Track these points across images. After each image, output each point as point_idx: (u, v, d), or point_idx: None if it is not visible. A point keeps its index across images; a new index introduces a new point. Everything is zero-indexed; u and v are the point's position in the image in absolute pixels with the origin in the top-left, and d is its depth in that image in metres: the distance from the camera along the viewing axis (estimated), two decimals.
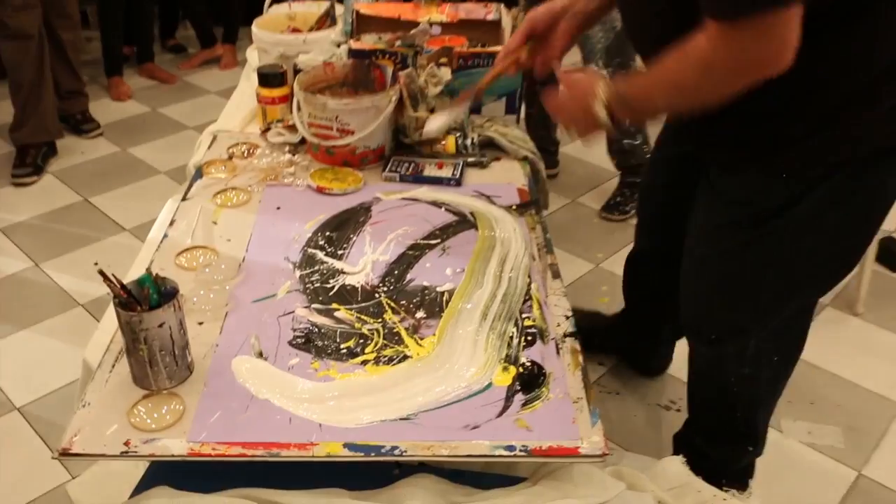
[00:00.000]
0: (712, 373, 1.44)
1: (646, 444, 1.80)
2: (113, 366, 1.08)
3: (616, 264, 2.12)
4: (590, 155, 3.14)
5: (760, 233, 1.21)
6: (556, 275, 1.32)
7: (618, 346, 2.01)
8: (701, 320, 1.39)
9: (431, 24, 1.83)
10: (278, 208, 1.49)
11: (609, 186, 2.88)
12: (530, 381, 1.08)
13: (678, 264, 1.40)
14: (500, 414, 1.02)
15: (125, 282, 1.02)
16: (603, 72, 2.41)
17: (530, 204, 1.53)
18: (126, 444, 0.97)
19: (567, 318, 1.22)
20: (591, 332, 1.99)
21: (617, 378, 2.01)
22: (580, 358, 1.13)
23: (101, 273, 0.99)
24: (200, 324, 1.17)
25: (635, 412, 1.91)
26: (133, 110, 3.55)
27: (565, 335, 1.18)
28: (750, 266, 1.25)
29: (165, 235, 1.40)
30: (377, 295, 1.25)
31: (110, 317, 1.11)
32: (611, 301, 2.12)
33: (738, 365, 1.37)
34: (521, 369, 1.10)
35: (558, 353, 1.14)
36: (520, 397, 1.05)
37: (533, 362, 1.12)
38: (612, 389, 1.97)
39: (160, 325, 1.00)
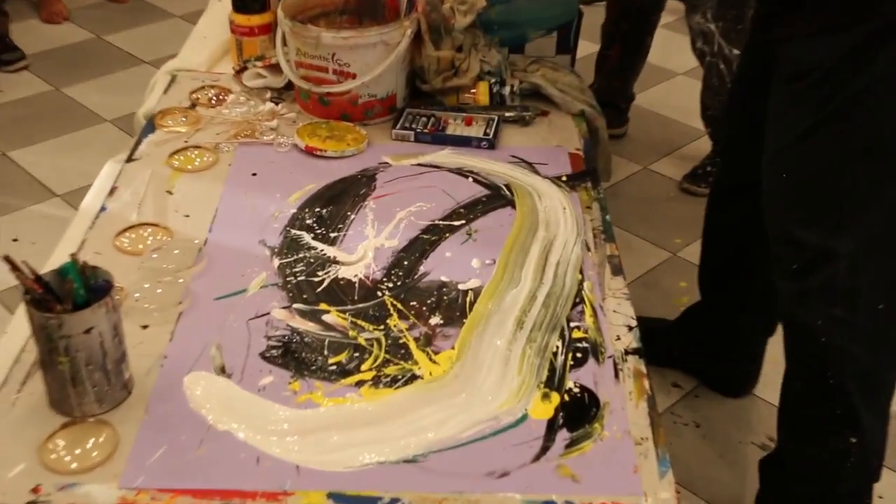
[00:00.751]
0: (798, 320, 1.45)
1: (736, 499, 1.76)
2: (23, 383, 1.06)
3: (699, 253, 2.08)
4: (670, 108, 3.08)
5: (833, 107, 1.27)
6: (618, 270, 1.29)
7: (691, 354, 2.00)
8: (781, 245, 1.43)
9: None
10: (254, 175, 1.48)
11: (693, 151, 2.84)
12: (579, 413, 1.06)
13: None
14: (538, 457, 1.00)
15: (43, 270, 1.00)
16: (711, 26, 2.38)
17: (586, 174, 1.50)
18: (35, 490, 0.95)
19: (630, 328, 1.19)
20: (657, 341, 1.98)
21: (695, 405, 1.98)
22: (646, 384, 1.11)
23: (7, 259, 0.96)
24: (144, 328, 1.16)
25: (721, 452, 1.87)
26: (70, 37, 3.50)
27: (627, 352, 1.15)
28: (826, 155, 1.31)
29: (103, 208, 1.38)
30: (380, 293, 1.23)
31: (22, 318, 1.09)
32: (691, 301, 2.08)
33: (826, 303, 1.39)
34: (566, 397, 1.08)
35: (617, 376, 1.11)
36: (564, 435, 1.03)
37: (583, 388, 1.09)
38: (689, 420, 1.94)
39: (87, 331, 0.98)
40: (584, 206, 1.43)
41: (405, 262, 1.29)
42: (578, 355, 1.14)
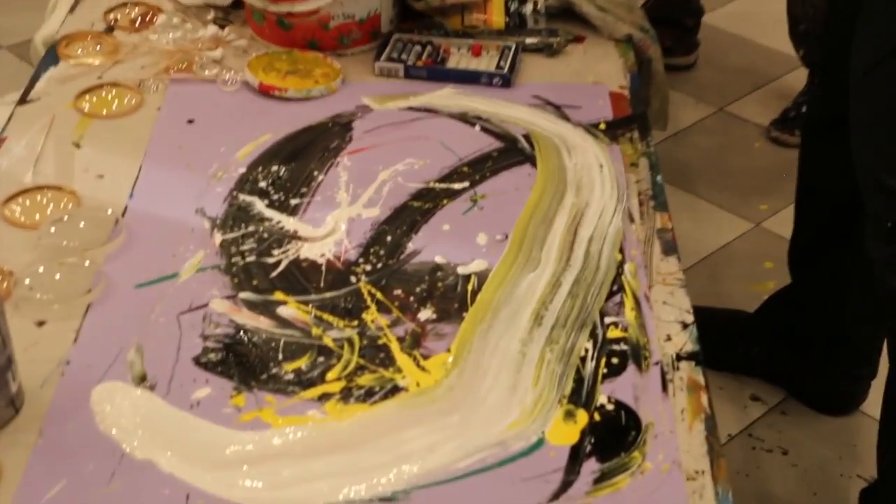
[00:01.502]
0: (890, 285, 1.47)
1: None
2: None
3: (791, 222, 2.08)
4: (753, 26, 3.06)
5: None
6: (670, 248, 1.29)
7: (778, 357, 2.00)
8: (872, 196, 1.44)
9: None
10: (190, 122, 1.48)
11: (784, 86, 2.82)
12: (613, 437, 1.06)
13: None
14: (557, 496, 1.00)
15: None
16: None
17: (632, 120, 1.50)
18: None
19: (684, 326, 1.19)
20: (730, 339, 1.98)
21: (781, 425, 1.98)
22: (704, 399, 1.11)
23: None
24: (40, 325, 1.16)
25: (816, 487, 1.87)
26: None
27: (680, 357, 1.15)
28: None
29: None
30: (354, 279, 1.24)
31: None
32: (777, 287, 2.07)
33: None
34: (597, 416, 1.08)
35: (665, 388, 1.11)
36: (593, 467, 1.03)
37: (619, 404, 1.09)
38: (773, 445, 1.94)
39: None
40: (628, 163, 1.42)
41: (388, 238, 1.29)
42: (614, 361, 1.14)
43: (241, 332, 1.16)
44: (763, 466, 1.90)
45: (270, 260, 1.26)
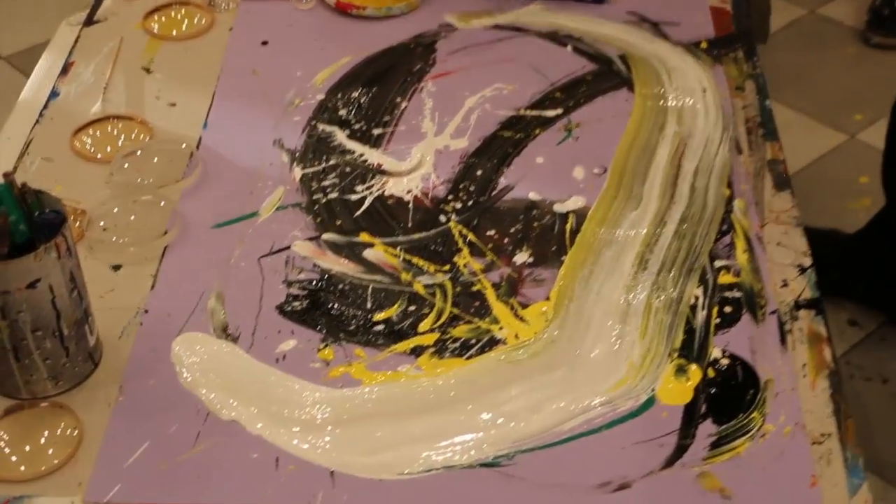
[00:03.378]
0: None
1: None
2: None
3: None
4: None
5: None
6: (784, 182, 1.24)
7: (878, 279, 1.96)
8: None
9: None
10: (264, 44, 1.45)
11: None
12: (730, 396, 1.02)
13: None
14: (671, 462, 0.96)
15: None
16: None
17: (736, 38, 1.44)
18: None
19: (802, 269, 1.14)
20: (825, 261, 1.94)
21: (882, 351, 1.92)
22: (828, 353, 1.05)
23: None
24: (116, 269, 1.13)
25: None
26: None
27: (798, 305, 1.10)
28: None
29: (54, 93, 1.35)
30: (443, 218, 1.20)
31: None
32: (876, 207, 2.01)
33: None
34: (711, 372, 1.03)
35: (784, 341, 1.06)
36: (709, 429, 0.99)
37: (734, 359, 1.05)
38: (874, 373, 1.89)
39: (32, 285, 0.95)
40: (732, 87, 1.36)
41: (478, 172, 1.25)
42: (727, 310, 1.09)
43: (327, 279, 1.12)
44: (861, 396, 1.87)
45: (354, 197, 1.22)
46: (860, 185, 2.23)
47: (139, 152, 1.25)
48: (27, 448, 0.97)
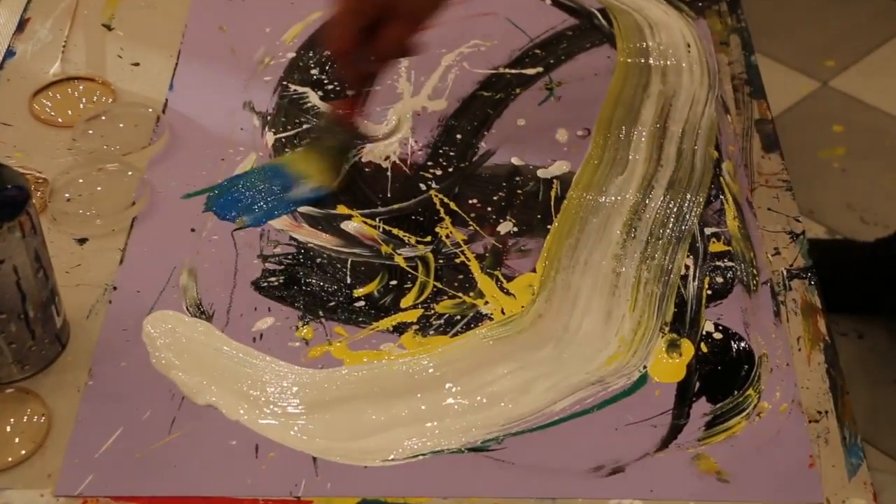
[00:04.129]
0: None
1: None
2: None
3: (865, 77, 1.99)
4: None
5: None
6: (772, 143, 1.21)
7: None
8: None
9: None
10: None
11: None
12: (724, 372, 0.99)
13: None
14: (666, 443, 0.94)
15: None
16: None
17: None
18: None
19: (794, 236, 1.11)
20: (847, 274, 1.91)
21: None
22: (822, 324, 1.03)
23: None
24: (82, 243, 1.09)
25: None
26: None
27: (791, 273, 1.08)
28: None
29: (10, 52, 1.31)
30: (423, 186, 1.16)
31: None
32: (849, 157, 1.99)
33: None
34: (704, 347, 1.01)
35: (777, 312, 1.04)
36: (704, 408, 0.96)
37: (727, 332, 1.02)
38: (849, 329, 1.88)
39: None
40: (717, 42, 1.33)
41: (458, 136, 1.21)
42: (719, 280, 1.06)
43: (304, 252, 1.08)
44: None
45: None
46: (833, 134, 2.21)
47: (103, 117, 1.21)
48: None
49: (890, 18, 2.49)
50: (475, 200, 1.13)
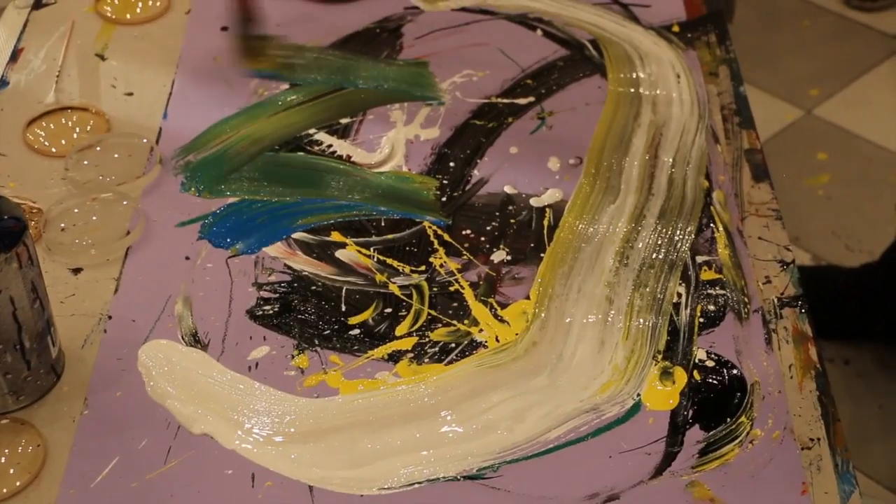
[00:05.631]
0: None
1: None
2: None
3: (848, 105, 1.99)
4: None
5: None
6: (762, 173, 1.22)
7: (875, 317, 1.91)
8: None
9: None
10: (224, 29, 1.39)
11: None
12: (716, 400, 0.99)
13: None
14: (660, 470, 0.94)
15: None
16: None
17: (707, 20, 1.41)
18: None
19: (785, 265, 1.11)
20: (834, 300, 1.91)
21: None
22: (813, 352, 1.03)
23: None
24: (76, 272, 1.09)
25: None
26: None
27: (782, 302, 1.08)
28: None
29: (3, 81, 1.30)
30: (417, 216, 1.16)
31: None
32: (833, 184, 2.00)
33: None
34: (696, 375, 1.01)
35: (769, 340, 1.04)
36: (696, 435, 0.96)
37: (720, 360, 1.02)
38: (835, 355, 1.88)
39: None
40: (706, 72, 1.33)
41: (451, 164, 1.21)
42: (711, 308, 1.06)
43: (298, 280, 1.08)
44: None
45: None
46: (818, 162, 2.22)
47: (97, 147, 1.20)
48: None
49: (872, 49, 2.50)
50: (468, 231, 1.13)
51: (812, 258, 2.08)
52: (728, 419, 0.97)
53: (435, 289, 1.07)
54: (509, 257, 1.11)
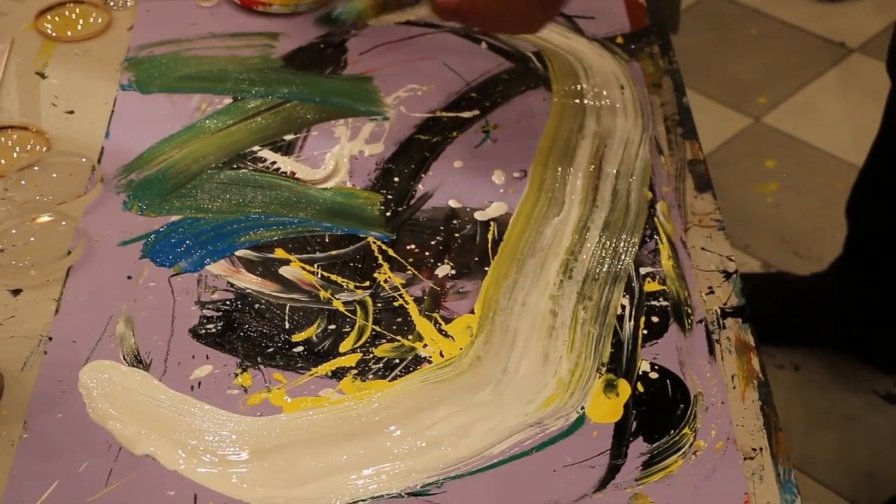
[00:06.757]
0: None
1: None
2: None
3: (796, 113, 2.00)
4: None
5: None
6: (705, 184, 1.22)
7: (846, 320, 1.93)
8: None
9: None
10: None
11: None
12: (659, 412, 0.99)
13: None
14: (604, 484, 0.94)
15: None
16: None
17: (650, 31, 1.42)
18: None
19: (727, 275, 1.12)
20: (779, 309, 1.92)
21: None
22: (756, 362, 1.04)
23: None
24: (15, 293, 1.07)
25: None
26: None
27: (725, 312, 1.08)
28: None
29: None
30: (361, 232, 1.15)
31: None
32: (782, 192, 2.01)
33: None
34: (640, 387, 1.01)
35: (712, 351, 1.04)
36: (640, 447, 0.96)
37: (663, 371, 1.02)
38: (785, 361, 1.89)
39: None
40: (650, 84, 1.34)
41: (395, 179, 1.21)
42: (654, 320, 1.07)
43: (241, 298, 1.07)
44: (773, 384, 1.86)
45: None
46: (766, 169, 2.23)
47: (36, 167, 1.19)
48: None
49: (820, 56, 2.52)
50: (413, 246, 1.13)
51: (762, 265, 2.10)
52: (672, 431, 0.97)
53: (379, 304, 1.07)
54: (454, 271, 1.10)
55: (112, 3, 1.42)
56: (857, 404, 1.88)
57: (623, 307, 1.07)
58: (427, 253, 1.12)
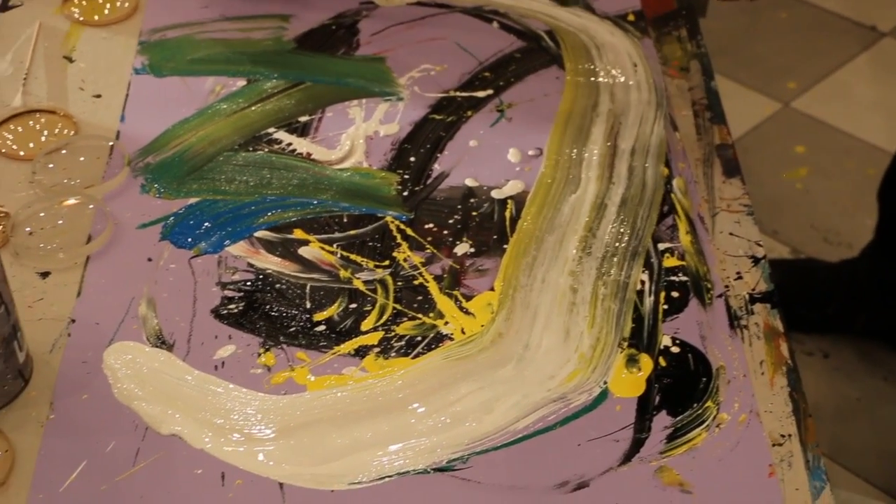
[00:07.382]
0: None
1: None
2: None
3: (826, 98, 1.99)
4: None
5: None
6: (733, 168, 1.21)
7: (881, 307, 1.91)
8: None
9: None
10: None
11: None
12: (682, 385, 1.00)
13: None
14: (629, 457, 0.94)
15: None
16: None
17: (679, 14, 1.42)
18: None
19: (756, 260, 1.12)
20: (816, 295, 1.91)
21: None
22: (784, 347, 1.04)
23: None
24: (44, 276, 1.08)
25: None
26: None
27: (753, 298, 1.08)
28: None
29: None
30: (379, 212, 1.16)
31: None
32: (812, 177, 2.00)
33: None
34: (662, 361, 1.01)
35: (732, 325, 1.05)
36: (664, 421, 0.97)
37: (685, 346, 1.03)
38: (814, 348, 1.88)
39: None
40: (677, 68, 1.34)
41: (412, 159, 1.21)
42: (674, 294, 1.07)
43: (262, 278, 1.07)
44: (803, 371, 1.87)
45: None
46: (796, 155, 2.22)
47: (63, 150, 1.19)
48: None
49: (850, 40, 2.51)
50: (431, 225, 1.13)
51: (791, 251, 2.09)
52: (695, 404, 0.98)
53: (399, 283, 1.07)
54: (472, 249, 1.11)
55: None
56: (889, 392, 1.88)
57: (642, 282, 1.08)
58: (445, 231, 1.12)
